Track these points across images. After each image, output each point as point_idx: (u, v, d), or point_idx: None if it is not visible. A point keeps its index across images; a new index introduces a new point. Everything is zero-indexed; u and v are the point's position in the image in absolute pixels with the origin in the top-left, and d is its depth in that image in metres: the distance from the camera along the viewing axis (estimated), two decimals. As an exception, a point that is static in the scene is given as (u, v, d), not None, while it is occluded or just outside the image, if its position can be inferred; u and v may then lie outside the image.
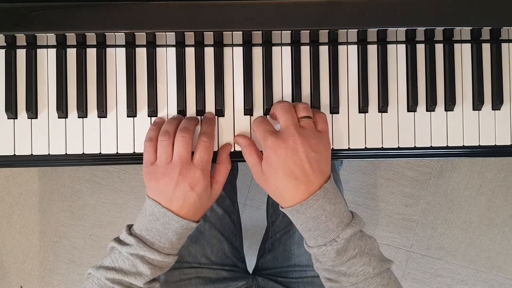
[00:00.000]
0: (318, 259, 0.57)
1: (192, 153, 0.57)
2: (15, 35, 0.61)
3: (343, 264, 0.54)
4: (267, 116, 0.62)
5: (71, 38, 0.62)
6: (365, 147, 0.63)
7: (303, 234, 0.57)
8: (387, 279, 0.56)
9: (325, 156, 0.56)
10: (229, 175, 0.85)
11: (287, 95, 0.62)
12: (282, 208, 0.56)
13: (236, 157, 0.62)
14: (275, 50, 0.63)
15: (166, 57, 0.62)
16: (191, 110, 0.62)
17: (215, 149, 0.62)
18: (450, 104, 0.62)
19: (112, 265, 0.55)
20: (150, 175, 0.56)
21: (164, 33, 0.62)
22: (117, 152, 0.62)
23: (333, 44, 0.62)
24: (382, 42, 0.63)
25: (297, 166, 0.53)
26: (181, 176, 0.55)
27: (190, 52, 0.62)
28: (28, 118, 0.61)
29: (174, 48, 0.62)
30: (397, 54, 0.63)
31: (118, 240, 0.57)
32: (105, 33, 0.61)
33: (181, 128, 0.57)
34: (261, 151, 0.58)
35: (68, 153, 0.61)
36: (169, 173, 0.55)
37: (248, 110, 0.62)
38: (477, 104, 0.63)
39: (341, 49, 0.63)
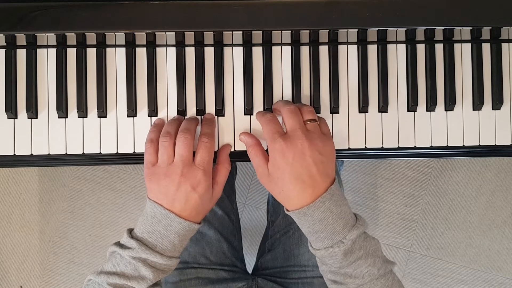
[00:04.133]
0: (324, 261, 0.56)
1: (193, 154, 0.57)
2: (15, 35, 0.61)
3: (349, 265, 0.54)
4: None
5: (71, 38, 0.62)
6: (365, 147, 0.63)
7: (309, 236, 0.57)
8: (391, 280, 0.56)
9: (331, 159, 0.56)
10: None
11: (287, 95, 0.62)
12: (288, 211, 0.56)
13: (235, 156, 0.62)
14: (275, 50, 0.63)
15: (166, 57, 0.62)
16: (191, 110, 0.62)
17: (215, 149, 0.62)
18: (450, 104, 0.62)
19: (114, 270, 0.55)
20: (151, 176, 0.56)
21: (164, 33, 0.62)
22: (117, 152, 0.62)
23: (333, 44, 0.62)
24: (382, 42, 0.63)
25: (304, 169, 0.53)
26: (183, 177, 0.55)
27: (190, 52, 0.62)
28: (28, 118, 0.61)
29: (174, 48, 0.62)
30: (397, 54, 0.63)
31: (119, 244, 0.56)
32: (105, 33, 0.61)
33: (182, 129, 0.57)
34: (266, 150, 0.58)
35: (68, 153, 0.61)
36: (170, 174, 0.55)
37: (248, 110, 0.62)
38: (477, 104, 0.63)
39: (341, 49, 0.63)
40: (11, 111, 0.61)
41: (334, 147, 0.56)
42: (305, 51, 0.62)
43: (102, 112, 0.61)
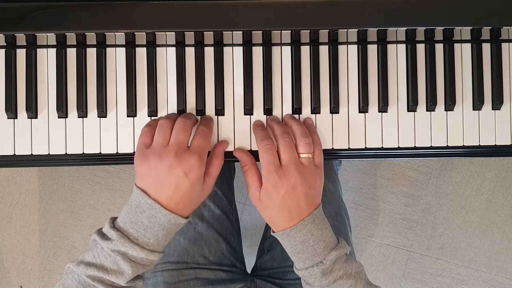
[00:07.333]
0: (306, 281, 0.58)
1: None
2: (15, 35, 0.61)
3: (330, 285, 0.55)
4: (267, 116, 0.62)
5: (71, 38, 0.62)
6: (365, 147, 0.63)
7: (292, 257, 0.58)
8: None
9: (319, 190, 0.58)
10: (226, 175, 0.85)
11: (287, 95, 0.62)
12: (273, 232, 0.58)
13: (234, 157, 0.62)
14: (275, 50, 0.63)
15: (166, 57, 0.62)
16: (191, 110, 0.62)
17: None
18: (450, 104, 0.62)
19: (93, 261, 0.52)
20: (142, 158, 0.54)
21: (164, 33, 0.62)
22: (117, 152, 0.62)
23: (333, 44, 0.62)
24: (382, 42, 0.63)
25: (293, 202, 0.55)
26: (176, 159, 0.52)
27: (190, 52, 0.62)
28: (28, 118, 0.61)
29: (174, 48, 0.62)
30: (397, 54, 0.63)
31: (100, 233, 0.54)
32: (105, 33, 0.61)
33: (183, 115, 0.57)
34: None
35: (68, 153, 0.61)
36: (163, 156, 0.53)
37: (248, 109, 0.62)
38: (477, 104, 0.63)
39: (341, 49, 0.63)
40: (11, 111, 0.61)
41: (323, 177, 0.58)
42: (305, 51, 0.62)
43: (102, 112, 0.61)
